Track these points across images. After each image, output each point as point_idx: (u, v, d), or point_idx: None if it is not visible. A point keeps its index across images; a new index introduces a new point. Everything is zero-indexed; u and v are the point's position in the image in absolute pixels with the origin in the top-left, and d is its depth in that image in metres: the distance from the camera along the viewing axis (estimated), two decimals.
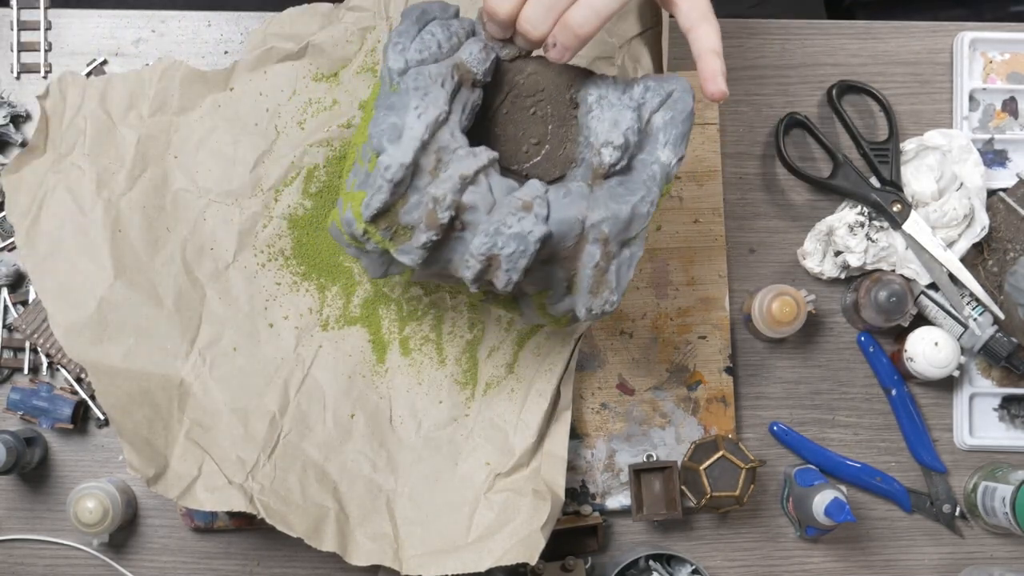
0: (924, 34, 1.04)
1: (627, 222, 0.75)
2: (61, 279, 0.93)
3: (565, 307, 0.79)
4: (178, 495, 0.88)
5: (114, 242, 0.93)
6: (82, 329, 0.92)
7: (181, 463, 0.90)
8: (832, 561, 1.01)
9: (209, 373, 0.93)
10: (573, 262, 0.76)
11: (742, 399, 1.02)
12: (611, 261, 0.76)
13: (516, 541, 0.89)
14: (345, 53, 0.97)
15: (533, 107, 0.78)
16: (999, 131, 1.03)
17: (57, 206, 0.94)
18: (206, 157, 0.95)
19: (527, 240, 0.71)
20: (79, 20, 1.02)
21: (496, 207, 0.73)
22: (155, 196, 0.95)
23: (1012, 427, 1.02)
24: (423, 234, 0.73)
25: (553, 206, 0.73)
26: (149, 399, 0.91)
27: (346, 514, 0.91)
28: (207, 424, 0.92)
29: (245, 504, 0.88)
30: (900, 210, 0.98)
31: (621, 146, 0.76)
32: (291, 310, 0.95)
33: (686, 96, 0.78)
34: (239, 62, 0.96)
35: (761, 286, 0.99)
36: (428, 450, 0.94)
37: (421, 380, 0.95)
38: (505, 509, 0.91)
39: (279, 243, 0.96)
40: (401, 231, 0.74)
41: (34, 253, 0.93)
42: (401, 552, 0.91)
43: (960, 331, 0.99)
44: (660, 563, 0.96)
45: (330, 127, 0.96)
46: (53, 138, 0.95)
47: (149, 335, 0.93)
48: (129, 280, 0.93)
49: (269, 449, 0.92)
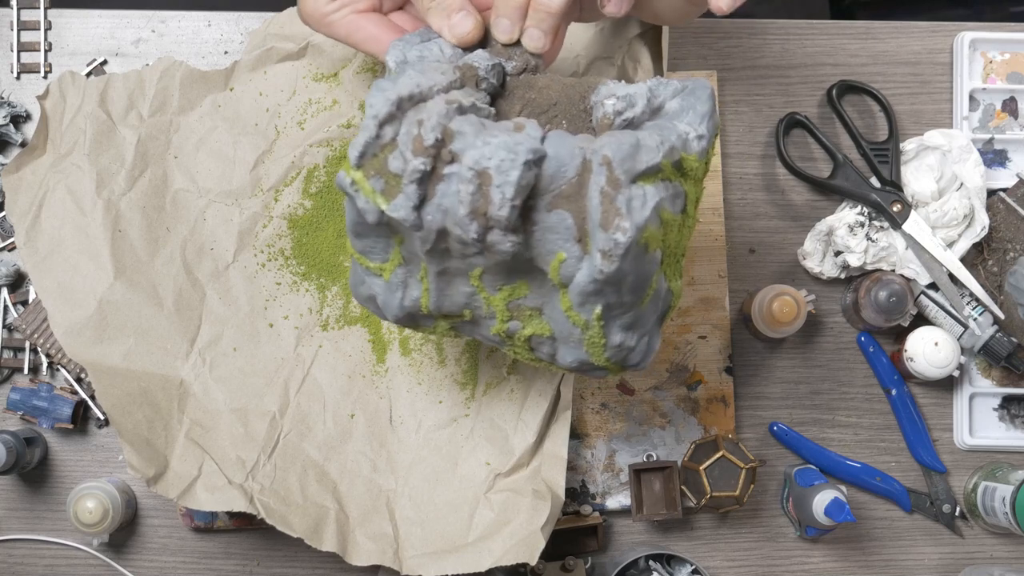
0: (924, 34, 1.04)
1: (633, 149, 0.68)
2: (61, 279, 0.93)
3: (585, 281, 0.70)
4: (178, 495, 0.88)
5: (114, 242, 0.94)
6: (82, 329, 0.92)
7: (181, 463, 0.90)
8: (832, 561, 1.01)
9: (209, 373, 0.93)
10: (580, 201, 0.68)
11: (742, 399, 1.02)
12: (618, 189, 0.67)
13: (516, 541, 0.89)
14: (345, 53, 0.97)
15: (548, 122, 0.76)
16: (999, 131, 1.03)
17: (57, 206, 0.94)
18: (206, 157, 0.96)
19: (516, 149, 0.66)
20: (79, 20, 1.02)
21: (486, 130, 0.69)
22: (155, 196, 0.95)
23: (1012, 427, 1.02)
24: (411, 163, 0.68)
25: (551, 137, 0.69)
26: (149, 399, 0.91)
27: (346, 514, 0.91)
28: (207, 424, 0.92)
29: (245, 504, 0.88)
30: (900, 210, 0.98)
31: (625, 97, 0.72)
32: (291, 310, 0.95)
33: (703, 85, 0.74)
34: (239, 62, 0.96)
35: (761, 286, 0.99)
36: (428, 450, 0.94)
37: (421, 380, 0.95)
38: (505, 509, 0.91)
39: (279, 243, 0.96)
40: (392, 180, 0.69)
41: (34, 253, 0.93)
42: (401, 552, 0.91)
43: (960, 331, 0.99)
44: (660, 563, 0.96)
45: (330, 127, 0.96)
46: (53, 138, 0.95)
47: (149, 335, 0.93)
48: (129, 280, 0.93)
49: (269, 449, 0.92)
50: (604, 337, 0.73)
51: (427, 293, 0.76)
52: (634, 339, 0.75)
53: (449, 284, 0.75)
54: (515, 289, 0.74)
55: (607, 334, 0.73)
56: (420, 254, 0.73)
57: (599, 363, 0.76)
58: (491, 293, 0.75)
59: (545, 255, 0.71)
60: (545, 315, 0.75)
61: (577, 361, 0.76)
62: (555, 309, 0.74)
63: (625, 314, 0.73)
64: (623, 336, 0.74)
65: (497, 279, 0.74)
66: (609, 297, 0.71)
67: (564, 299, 0.72)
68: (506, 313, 0.76)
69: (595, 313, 0.71)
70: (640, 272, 0.71)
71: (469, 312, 0.76)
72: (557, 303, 0.73)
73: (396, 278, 0.76)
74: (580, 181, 0.68)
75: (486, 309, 0.76)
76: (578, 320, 0.73)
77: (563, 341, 0.75)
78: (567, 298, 0.72)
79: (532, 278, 0.73)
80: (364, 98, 0.96)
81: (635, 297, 0.72)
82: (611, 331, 0.73)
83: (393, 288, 0.76)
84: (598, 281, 0.69)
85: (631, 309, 0.73)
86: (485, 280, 0.74)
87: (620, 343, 0.74)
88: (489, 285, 0.74)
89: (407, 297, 0.76)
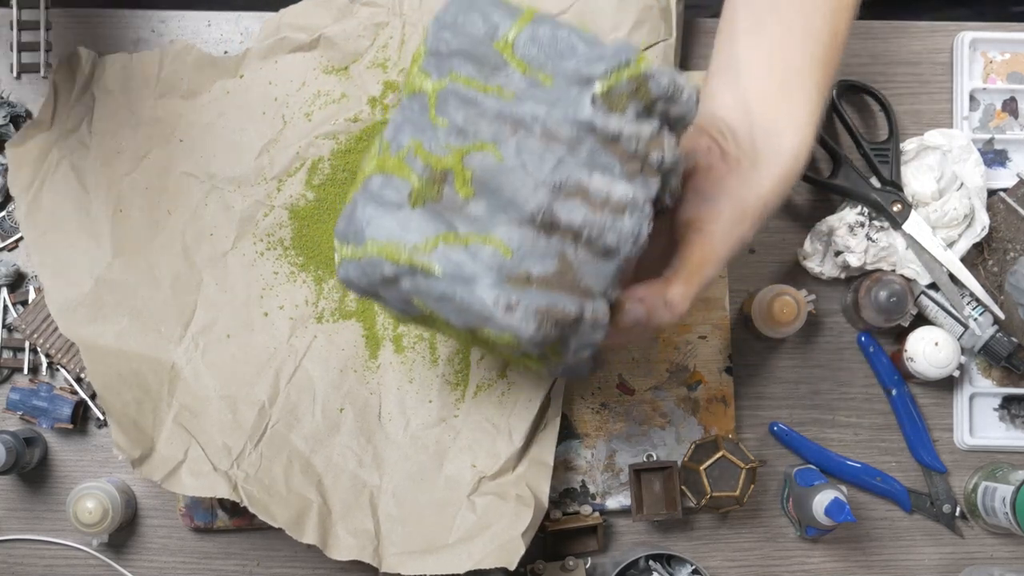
0: (924, 34, 1.04)
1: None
2: (59, 255, 0.93)
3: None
4: (162, 478, 0.88)
5: (115, 222, 0.94)
6: (77, 307, 0.92)
7: (167, 446, 0.90)
8: (832, 561, 1.01)
9: (201, 358, 0.93)
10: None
11: (742, 399, 1.02)
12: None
13: (496, 545, 0.89)
14: (357, 47, 0.97)
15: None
16: (999, 131, 1.03)
17: (60, 182, 0.94)
18: (212, 142, 0.96)
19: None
20: (79, 20, 1.02)
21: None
22: (158, 178, 0.95)
23: (1012, 427, 1.02)
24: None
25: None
26: (140, 381, 0.91)
27: (328, 507, 0.91)
28: (196, 409, 0.92)
29: (229, 491, 0.88)
30: (900, 210, 0.98)
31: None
32: (287, 300, 0.95)
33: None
34: (251, 49, 0.97)
35: (761, 286, 0.99)
36: (415, 449, 0.94)
37: (412, 378, 0.95)
38: (487, 512, 0.91)
39: (279, 233, 0.96)
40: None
41: (34, 227, 0.94)
42: (381, 549, 0.91)
43: (960, 331, 0.99)
44: (660, 563, 0.96)
45: (337, 120, 0.96)
46: (60, 113, 0.95)
47: (143, 317, 0.93)
48: (127, 261, 0.93)
49: (256, 438, 0.92)
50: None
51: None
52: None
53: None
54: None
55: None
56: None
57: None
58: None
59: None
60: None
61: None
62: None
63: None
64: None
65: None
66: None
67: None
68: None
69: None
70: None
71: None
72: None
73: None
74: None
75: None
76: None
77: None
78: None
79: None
80: (373, 94, 0.96)
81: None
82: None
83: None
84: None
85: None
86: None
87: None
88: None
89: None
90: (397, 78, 0.97)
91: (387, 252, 0.68)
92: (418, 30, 0.97)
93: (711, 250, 0.76)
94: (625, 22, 0.95)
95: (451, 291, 0.67)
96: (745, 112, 0.79)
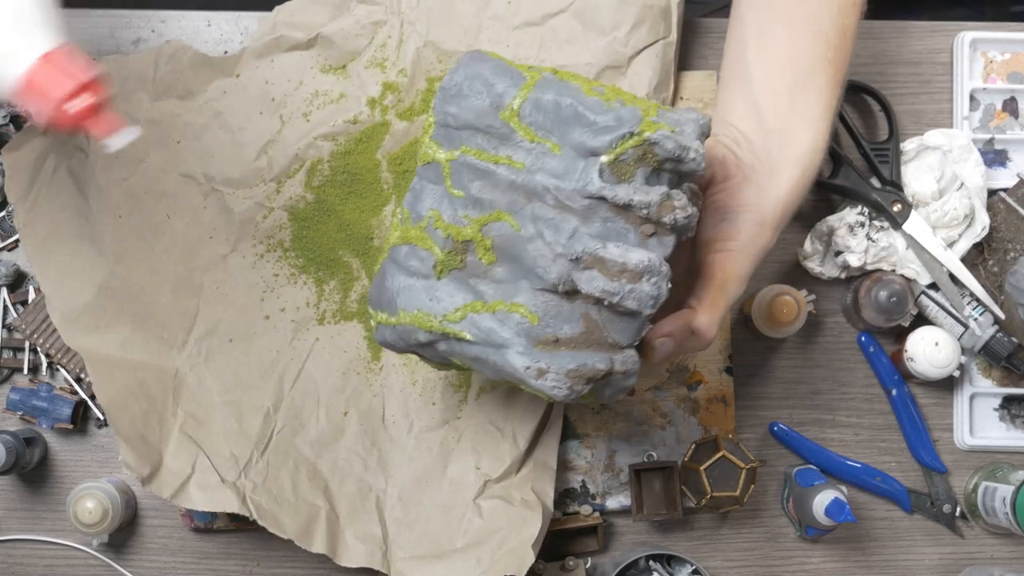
0: (924, 34, 1.04)
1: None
2: (60, 263, 0.92)
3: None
4: (172, 494, 0.88)
5: (115, 227, 0.93)
6: (79, 316, 0.92)
7: (175, 459, 0.89)
8: (832, 561, 1.01)
9: (204, 364, 0.93)
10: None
11: (742, 399, 1.02)
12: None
13: (504, 552, 0.89)
14: (355, 46, 0.96)
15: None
16: (999, 131, 1.02)
17: (58, 187, 0.93)
18: (209, 143, 0.95)
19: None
20: (79, 20, 1.01)
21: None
22: (156, 182, 0.94)
23: (1012, 427, 1.02)
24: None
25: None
26: (145, 391, 0.91)
27: (336, 513, 0.91)
28: (201, 417, 0.91)
29: (238, 505, 0.88)
30: (900, 210, 0.98)
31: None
32: (288, 302, 0.95)
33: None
34: (247, 48, 0.96)
35: (761, 286, 0.99)
36: (419, 451, 0.93)
37: (415, 380, 0.94)
38: (494, 516, 0.91)
39: (279, 234, 0.95)
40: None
41: (33, 234, 0.93)
42: (389, 554, 0.90)
43: (960, 331, 0.99)
44: (660, 563, 0.96)
45: (336, 121, 0.95)
46: None
47: (146, 324, 0.92)
48: (128, 267, 0.93)
49: (263, 446, 0.92)
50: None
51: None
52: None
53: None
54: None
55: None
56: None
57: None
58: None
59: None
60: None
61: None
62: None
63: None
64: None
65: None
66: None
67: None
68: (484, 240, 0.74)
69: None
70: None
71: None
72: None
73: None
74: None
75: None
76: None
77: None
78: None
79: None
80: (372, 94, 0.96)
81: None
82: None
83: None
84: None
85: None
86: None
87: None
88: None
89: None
90: (396, 79, 0.96)
91: (419, 322, 0.73)
92: (416, 29, 0.96)
93: (733, 268, 0.76)
94: (625, 21, 0.94)
95: (484, 355, 0.71)
96: (758, 119, 0.79)
